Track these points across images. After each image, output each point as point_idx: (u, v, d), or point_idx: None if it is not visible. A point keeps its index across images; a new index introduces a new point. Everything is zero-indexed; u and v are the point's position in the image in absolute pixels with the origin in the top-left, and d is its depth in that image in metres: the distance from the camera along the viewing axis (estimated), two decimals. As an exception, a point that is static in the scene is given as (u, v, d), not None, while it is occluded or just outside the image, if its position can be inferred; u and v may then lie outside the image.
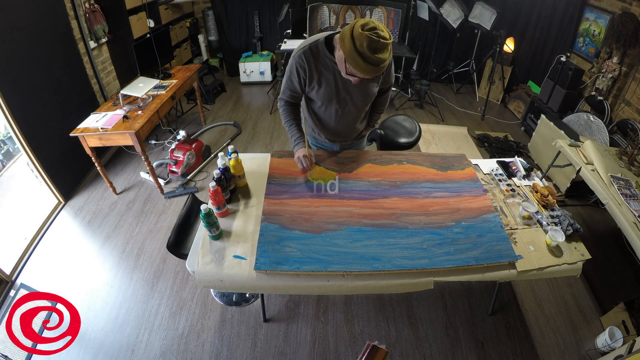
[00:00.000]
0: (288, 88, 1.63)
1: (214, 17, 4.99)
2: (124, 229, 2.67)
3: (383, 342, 1.94)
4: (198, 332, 2.00)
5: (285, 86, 1.63)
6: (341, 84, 1.54)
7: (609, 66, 3.09)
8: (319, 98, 1.61)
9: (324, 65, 1.50)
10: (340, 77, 1.50)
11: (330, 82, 1.54)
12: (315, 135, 1.88)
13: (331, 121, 1.72)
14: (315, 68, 1.51)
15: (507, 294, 2.22)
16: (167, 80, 3.28)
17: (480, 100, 4.74)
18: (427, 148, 3.69)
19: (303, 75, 1.53)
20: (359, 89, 1.57)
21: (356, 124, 1.78)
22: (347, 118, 1.70)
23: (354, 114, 1.70)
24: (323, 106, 1.65)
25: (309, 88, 1.58)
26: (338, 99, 1.59)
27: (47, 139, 2.71)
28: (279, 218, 1.53)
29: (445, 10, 4.34)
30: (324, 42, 1.48)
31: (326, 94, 1.58)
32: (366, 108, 1.73)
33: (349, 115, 1.69)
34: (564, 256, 1.47)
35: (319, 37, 1.49)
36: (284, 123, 1.74)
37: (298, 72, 1.53)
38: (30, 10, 2.53)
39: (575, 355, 1.92)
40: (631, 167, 2.21)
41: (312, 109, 1.72)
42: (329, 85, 1.55)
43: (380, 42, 1.23)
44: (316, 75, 1.53)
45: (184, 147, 3.15)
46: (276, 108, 4.37)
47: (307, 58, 1.49)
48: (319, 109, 1.68)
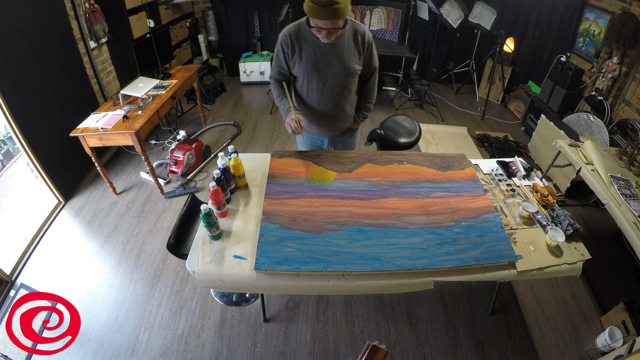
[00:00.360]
0: (276, 65, 1.76)
1: (214, 17, 4.99)
2: (124, 229, 2.67)
3: (383, 342, 1.94)
4: (198, 332, 2.00)
5: (274, 64, 1.78)
6: (320, 55, 1.65)
7: (609, 66, 3.09)
8: (300, 71, 1.71)
9: (305, 39, 1.63)
10: (320, 50, 1.63)
11: (310, 55, 1.65)
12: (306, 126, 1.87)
13: (314, 98, 1.78)
14: (297, 42, 1.64)
15: (507, 294, 2.22)
16: (167, 80, 3.28)
17: (480, 100, 4.74)
18: (427, 148, 3.69)
19: (287, 50, 1.67)
20: (337, 62, 1.65)
21: (340, 104, 1.81)
22: (330, 93, 1.75)
23: (337, 90, 1.75)
24: (305, 80, 1.73)
25: (291, 63, 1.70)
26: (318, 72, 1.68)
27: (47, 139, 2.71)
28: (279, 218, 1.53)
29: (445, 10, 4.34)
30: (305, 21, 1.63)
31: (307, 66, 1.67)
32: (349, 86, 1.76)
33: (331, 91, 1.74)
34: (564, 256, 1.47)
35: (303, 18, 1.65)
36: (275, 98, 1.84)
37: (282, 48, 1.67)
38: (30, 10, 2.53)
39: (575, 355, 1.92)
40: (631, 167, 2.21)
41: (296, 90, 1.82)
42: (309, 58, 1.65)
43: None
44: (297, 49, 1.65)
45: (184, 147, 3.15)
46: (276, 108, 4.39)
47: (289, 33, 1.64)
48: (302, 87, 1.77)
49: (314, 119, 1.88)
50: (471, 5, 4.31)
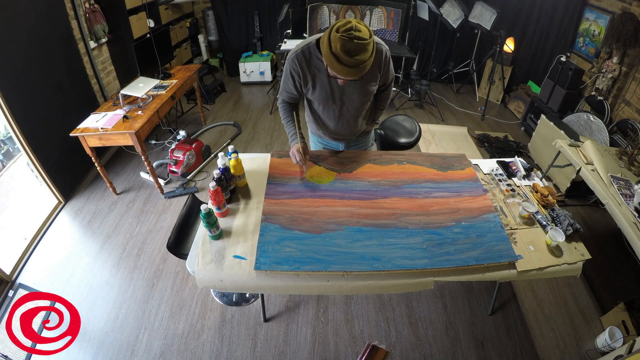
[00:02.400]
0: (285, 90, 1.66)
1: (214, 17, 4.99)
2: (124, 229, 2.67)
3: (383, 342, 1.94)
4: (198, 332, 2.00)
5: (283, 87, 1.67)
6: (335, 84, 1.54)
7: (609, 66, 3.09)
8: (315, 99, 1.63)
9: (317, 67, 1.50)
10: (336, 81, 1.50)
11: (324, 84, 1.54)
12: (320, 134, 1.89)
13: (331, 121, 1.74)
14: (309, 70, 1.52)
15: (507, 294, 2.22)
16: (167, 80, 3.29)
17: (480, 100, 4.74)
18: (427, 148, 3.70)
19: (297, 79, 1.55)
20: (355, 89, 1.56)
21: (357, 123, 1.78)
22: (346, 117, 1.71)
23: (353, 114, 1.70)
24: (321, 106, 1.67)
25: (305, 89, 1.60)
26: (334, 99, 1.60)
27: (47, 139, 2.71)
28: (279, 218, 1.53)
29: (445, 10, 4.34)
30: (315, 44, 1.47)
31: (322, 95, 1.59)
32: (365, 106, 1.71)
33: (348, 115, 1.70)
34: (564, 256, 1.47)
35: (311, 40, 1.49)
36: (282, 120, 1.76)
37: (292, 75, 1.55)
38: (31, 10, 2.53)
39: (575, 355, 1.92)
40: (631, 167, 2.21)
41: (313, 108, 1.74)
42: (323, 87, 1.55)
43: (354, 43, 1.21)
44: (310, 77, 1.54)
45: (184, 147, 3.15)
46: (276, 108, 4.38)
47: (299, 61, 1.49)
48: (318, 109, 1.71)
49: (330, 134, 1.84)
50: (471, 5, 4.31)
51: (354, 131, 1.83)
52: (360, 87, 1.56)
